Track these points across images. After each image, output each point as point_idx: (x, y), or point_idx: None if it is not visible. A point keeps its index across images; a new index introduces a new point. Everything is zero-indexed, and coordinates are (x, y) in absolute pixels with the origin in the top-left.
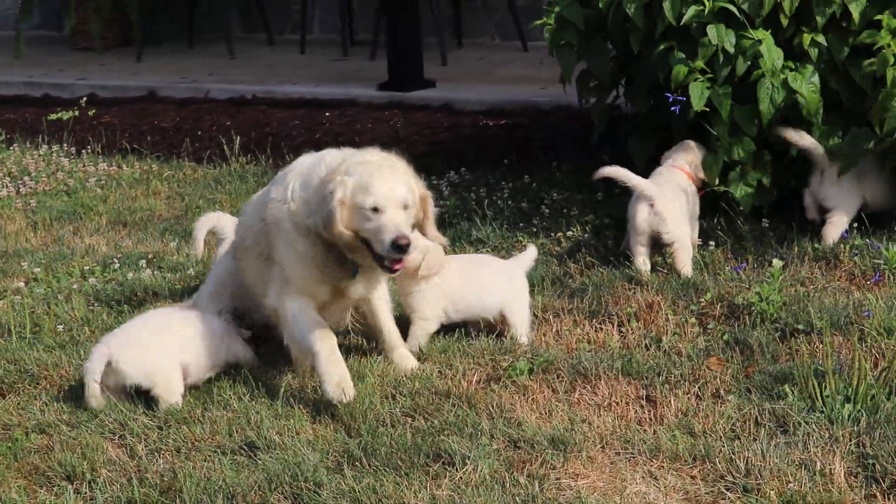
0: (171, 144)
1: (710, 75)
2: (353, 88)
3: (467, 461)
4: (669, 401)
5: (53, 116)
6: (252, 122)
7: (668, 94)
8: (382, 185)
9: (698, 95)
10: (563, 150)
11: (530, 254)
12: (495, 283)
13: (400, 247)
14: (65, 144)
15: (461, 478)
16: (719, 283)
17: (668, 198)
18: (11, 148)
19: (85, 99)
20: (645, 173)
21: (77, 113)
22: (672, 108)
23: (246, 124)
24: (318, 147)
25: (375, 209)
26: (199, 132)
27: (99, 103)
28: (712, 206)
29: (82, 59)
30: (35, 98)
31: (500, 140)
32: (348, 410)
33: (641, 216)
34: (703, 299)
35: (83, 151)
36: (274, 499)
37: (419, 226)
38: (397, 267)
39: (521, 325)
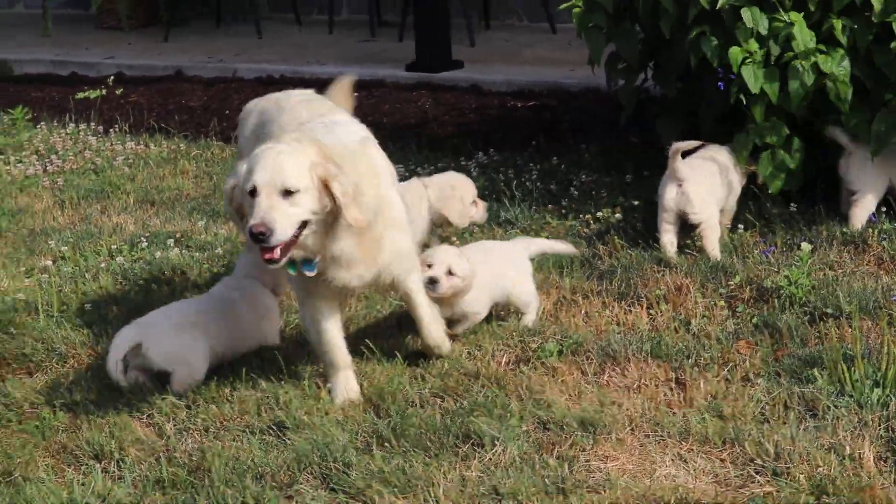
0: (199, 124)
1: (755, 57)
2: (381, 69)
3: (496, 442)
4: (699, 384)
5: (80, 95)
6: None
7: (719, 70)
8: (261, 169)
9: (752, 77)
10: (592, 132)
11: (541, 243)
12: (503, 268)
13: (253, 235)
14: (92, 123)
15: (490, 459)
16: (748, 266)
17: (698, 180)
18: (38, 126)
19: (112, 78)
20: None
21: (104, 92)
22: (719, 85)
23: None
24: None
25: (252, 192)
26: (227, 112)
27: (126, 82)
28: (742, 190)
29: (109, 37)
30: (62, 76)
31: (528, 121)
32: (377, 391)
33: (669, 195)
34: (731, 282)
35: (110, 130)
36: (303, 479)
37: (335, 213)
38: (266, 256)
39: (527, 306)
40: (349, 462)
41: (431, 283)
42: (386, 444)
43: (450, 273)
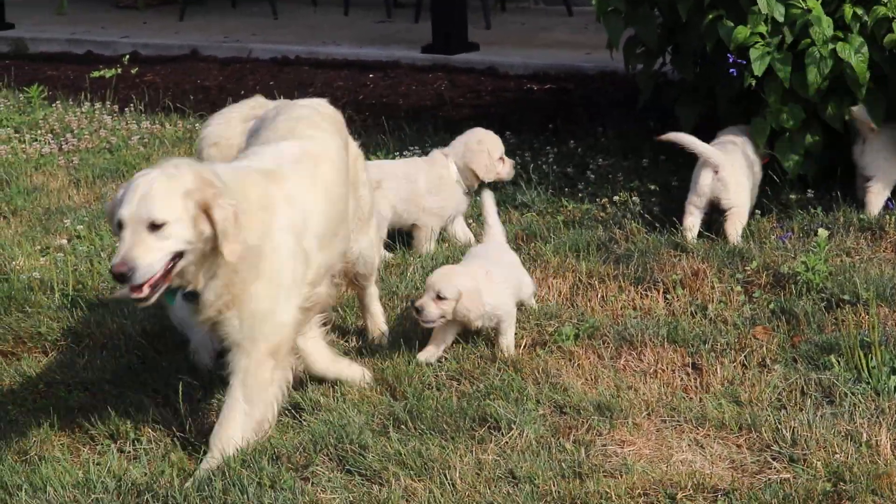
0: (214, 104)
1: (769, 41)
2: (397, 50)
3: (513, 426)
4: (715, 369)
5: (96, 74)
6: (295, 83)
7: (729, 55)
8: (128, 202)
9: (759, 60)
10: (609, 115)
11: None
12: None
13: (114, 275)
14: (107, 102)
15: (507, 442)
16: (765, 251)
17: (734, 165)
18: (54, 105)
19: (127, 57)
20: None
21: (120, 71)
22: (730, 71)
23: (289, 85)
24: (361, 109)
25: (119, 226)
26: (243, 92)
27: (141, 61)
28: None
29: (125, 16)
30: (77, 55)
31: (545, 104)
32: (394, 373)
33: (705, 181)
34: (748, 268)
35: (126, 109)
36: (319, 460)
37: (213, 241)
38: (133, 295)
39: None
40: (365, 444)
41: (417, 311)
42: (402, 426)
43: (439, 297)
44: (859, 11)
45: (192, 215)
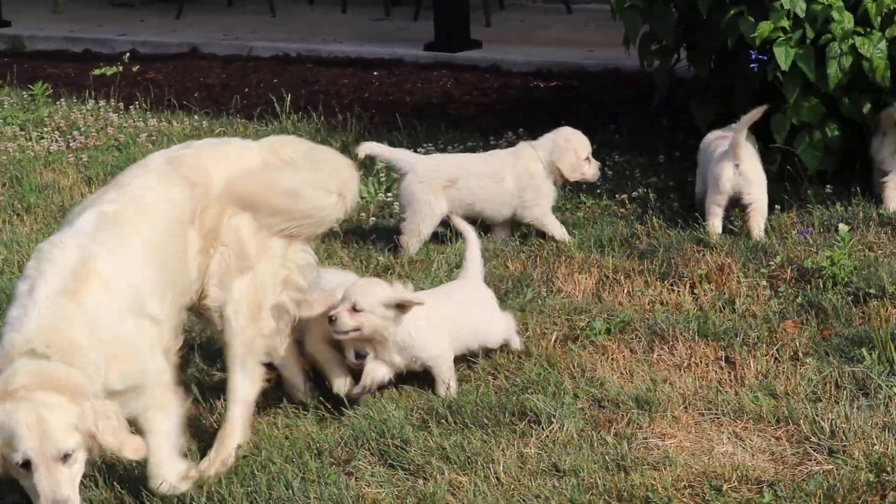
0: (218, 101)
1: (791, 35)
2: (399, 48)
3: (553, 419)
4: (748, 362)
5: (97, 71)
6: (300, 81)
7: (752, 52)
8: (26, 440)
9: (783, 55)
10: (618, 113)
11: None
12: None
13: None
14: (112, 100)
15: (548, 436)
16: (787, 246)
17: (752, 160)
18: (58, 103)
19: (128, 55)
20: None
21: (121, 69)
22: (752, 66)
23: (294, 82)
24: (368, 107)
25: (27, 465)
26: (247, 89)
27: (141, 59)
28: (779, 171)
29: (121, 14)
30: (76, 53)
31: (551, 102)
32: None
33: (727, 175)
34: (772, 262)
35: (131, 107)
36: (360, 455)
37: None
38: None
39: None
40: (407, 438)
41: (330, 321)
42: (443, 420)
43: (354, 309)
44: (878, 6)
45: (87, 440)
